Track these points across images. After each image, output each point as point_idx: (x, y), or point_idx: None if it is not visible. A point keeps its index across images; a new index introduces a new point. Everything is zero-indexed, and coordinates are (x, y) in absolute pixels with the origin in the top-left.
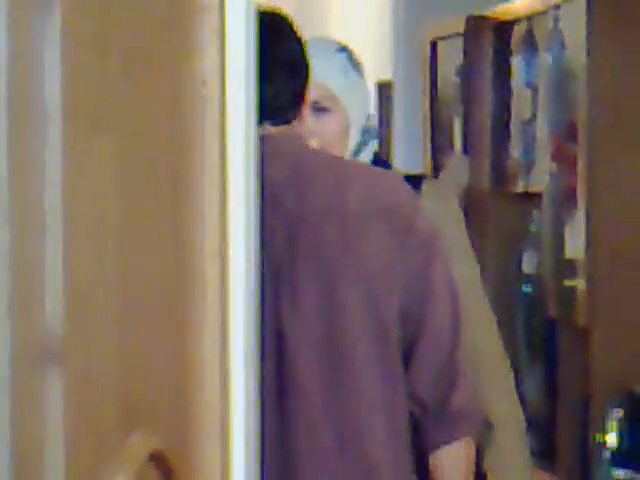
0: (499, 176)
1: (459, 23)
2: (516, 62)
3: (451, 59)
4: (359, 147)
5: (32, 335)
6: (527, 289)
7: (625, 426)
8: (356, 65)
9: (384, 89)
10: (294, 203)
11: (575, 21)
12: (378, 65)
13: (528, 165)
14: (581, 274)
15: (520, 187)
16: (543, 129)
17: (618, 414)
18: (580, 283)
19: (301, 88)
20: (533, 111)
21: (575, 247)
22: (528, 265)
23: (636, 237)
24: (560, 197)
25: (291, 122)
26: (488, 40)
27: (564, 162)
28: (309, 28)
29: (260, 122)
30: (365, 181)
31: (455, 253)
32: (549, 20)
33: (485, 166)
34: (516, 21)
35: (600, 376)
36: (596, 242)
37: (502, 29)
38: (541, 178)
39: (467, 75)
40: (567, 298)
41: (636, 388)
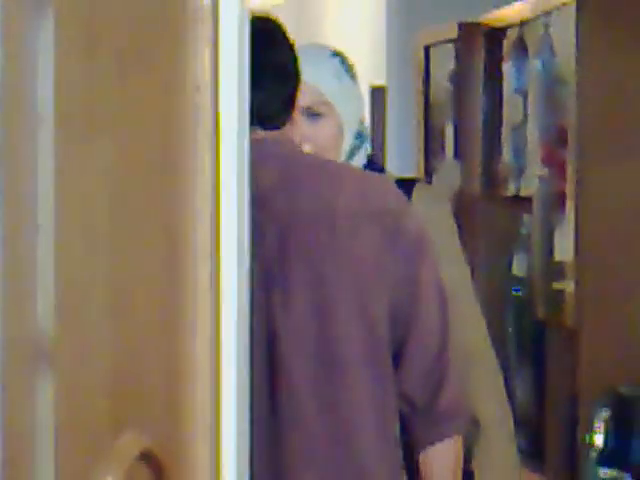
0: (490, 180)
1: (452, 30)
2: (507, 68)
3: (444, 65)
4: (353, 151)
5: (23, 336)
6: (517, 291)
7: (611, 426)
8: (349, 70)
9: (378, 94)
10: (285, 205)
11: (565, 28)
12: (372, 70)
13: (519, 169)
14: (570, 277)
15: (511, 191)
16: (533, 134)
17: (605, 414)
18: (569, 286)
19: (291, 94)
20: (524, 116)
21: (564, 250)
22: (518, 267)
23: (624, 241)
24: (550, 201)
25: (282, 127)
26: (480, 46)
27: (554, 166)
28: (305, 34)
29: (250, 126)
30: (355, 184)
31: (446, 255)
32: (539, 27)
33: (477, 170)
34: (507, 28)
35: (587, 377)
36: (585, 246)
37: (493, 36)
38: (531, 182)
39: (459, 81)
40: (556, 300)
41: (622, 389)
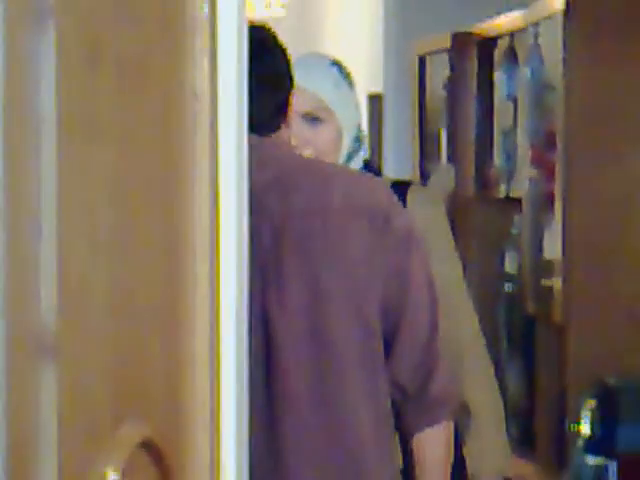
0: (482, 182)
1: (446, 40)
2: (498, 76)
3: (438, 73)
4: (351, 155)
5: (27, 330)
6: (508, 288)
7: (598, 415)
8: (347, 78)
9: (375, 101)
10: (278, 205)
11: (553, 37)
12: (370, 79)
13: (509, 172)
14: (558, 274)
15: (502, 192)
16: (523, 138)
17: (591, 404)
18: (557, 282)
19: (284, 100)
20: (514, 121)
21: (553, 249)
22: (509, 265)
23: (609, 240)
24: (539, 202)
25: (277, 131)
26: (472, 55)
27: (543, 169)
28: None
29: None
30: (346, 182)
31: (440, 253)
32: (529, 36)
33: (470, 173)
34: (498, 38)
35: (575, 369)
36: (572, 244)
37: (485, 45)
38: (521, 184)
39: (453, 88)
40: (545, 296)
41: (608, 380)
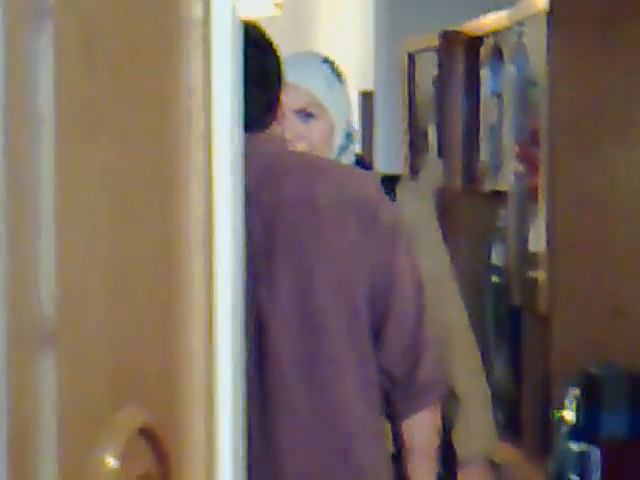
0: (470, 177)
1: (434, 38)
2: (484, 73)
3: (427, 71)
4: (342, 150)
5: (28, 319)
6: (495, 279)
7: (581, 403)
8: (338, 75)
9: (366, 98)
10: (269, 198)
11: (537, 36)
12: (361, 77)
13: (495, 167)
14: (543, 266)
15: (488, 186)
16: (509, 134)
17: (575, 392)
18: (542, 274)
19: (275, 97)
20: (500, 118)
21: (537, 241)
22: (496, 257)
23: (592, 233)
24: (524, 196)
25: (268, 127)
26: (460, 53)
27: (528, 164)
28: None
29: None
30: (335, 176)
31: (427, 245)
32: (514, 35)
33: (457, 167)
34: (485, 36)
35: (559, 358)
36: (556, 237)
37: (472, 43)
38: (507, 179)
39: (441, 85)
40: (530, 287)
41: (591, 369)
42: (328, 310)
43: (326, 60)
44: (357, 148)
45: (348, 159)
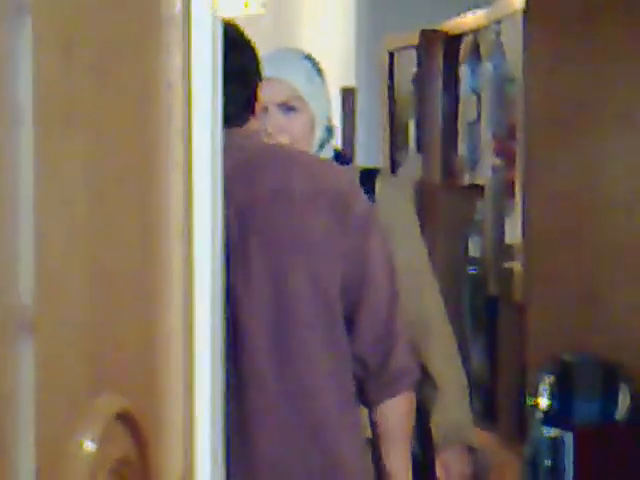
0: (448, 171)
1: (414, 36)
2: (463, 70)
3: (407, 68)
4: (322, 144)
5: (6, 306)
6: (472, 270)
7: (555, 390)
8: (319, 71)
9: (348, 95)
10: (244, 191)
11: (514, 34)
12: (343, 73)
13: (473, 161)
14: (518, 257)
15: (467, 180)
16: (486, 129)
17: (549, 379)
18: (517, 265)
19: (253, 93)
20: (478, 113)
21: (513, 233)
22: (473, 249)
23: (566, 225)
24: (501, 189)
25: (246, 123)
26: (439, 51)
27: (505, 158)
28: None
29: None
30: (309, 167)
31: (405, 237)
32: (492, 33)
33: (436, 162)
34: (463, 34)
35: (534, 346)
36: (531, 229)
37: (451, 41)
38: (484, 173)
39: (421, 82)
40: (506, 278)
41: (565, 356)
42: (302, 298)
43: (307, 56)
44: (337, 143)
45: (328, 153)
